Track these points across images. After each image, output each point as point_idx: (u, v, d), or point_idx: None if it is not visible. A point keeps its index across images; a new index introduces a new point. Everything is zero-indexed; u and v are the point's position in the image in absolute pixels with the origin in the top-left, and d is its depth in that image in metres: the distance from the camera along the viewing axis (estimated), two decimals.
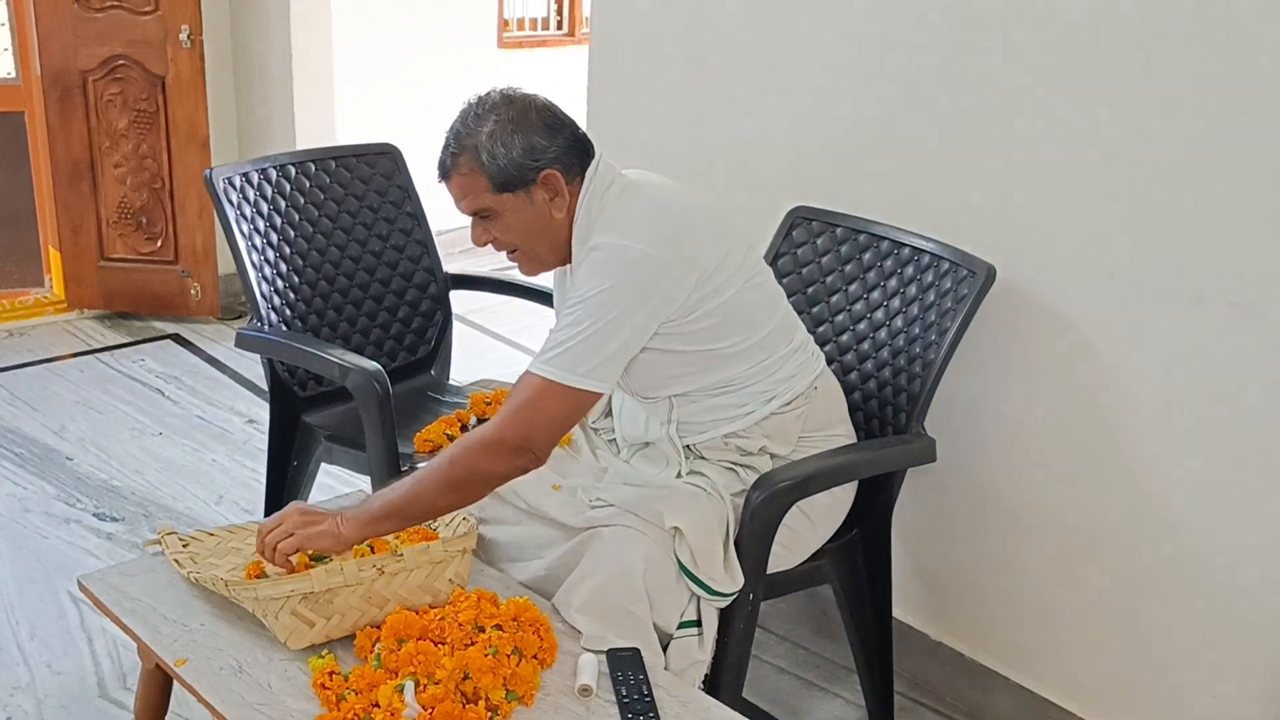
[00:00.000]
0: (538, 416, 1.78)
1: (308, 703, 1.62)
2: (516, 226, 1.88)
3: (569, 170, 1.86)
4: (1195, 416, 2.02)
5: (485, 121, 1.83)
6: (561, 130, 1.87)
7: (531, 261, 1.96)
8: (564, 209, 1.88)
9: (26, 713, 2.32)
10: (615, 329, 1.79)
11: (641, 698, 1.63)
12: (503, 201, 1.85)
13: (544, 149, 1.84)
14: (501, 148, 1.81)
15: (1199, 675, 2.11)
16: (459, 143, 1.85)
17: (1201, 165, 1.94)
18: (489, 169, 1.82)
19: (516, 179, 1.83)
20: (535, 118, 1.85)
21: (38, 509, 3.07)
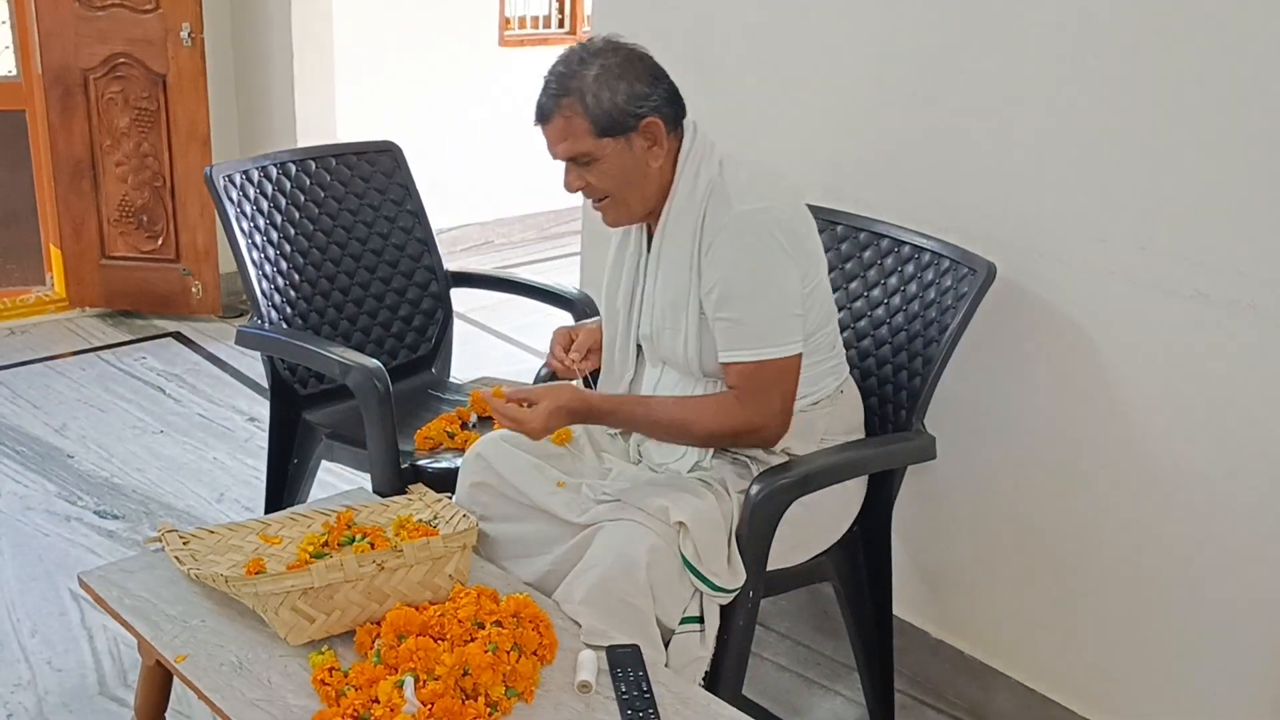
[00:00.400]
0: (778, 396, 1.88)
1: (308, 699, 1.62)
2: (613, 172, 1.88)
3: (667, 121, 1.88)
4: (1196, 414, 2.02)
5: (590, 65, 1.84)
6: (663, 80, 1.89)
7: (619, 210, 1.95)
8: (660, 158, 1.89)
9: (27, 710, 2.32)
10: (787, 288, 1.86)
11: (641, 694, 1.63)
12: (603, 146, 1.85)
13: (647, 96, 1.85)
14: (606, 91, 1.82)
15: (1200, 673, 2.11)
16: (562, 85, 1.85)
17: (1202, 164, 1.94)
18: (593, 112, 1.83)
19: (619, 124, 1.84)
20: (639, 65, 1.87)
21: (39, 507, 3.07)
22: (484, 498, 2.06)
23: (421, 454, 2.38)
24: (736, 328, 1.86)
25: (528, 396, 1.89)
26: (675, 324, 1.93)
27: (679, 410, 1.91)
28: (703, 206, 1.88)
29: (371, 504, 2.10)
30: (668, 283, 1.94)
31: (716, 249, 1.86)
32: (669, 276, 1.93)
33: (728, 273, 1.84)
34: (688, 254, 1.89)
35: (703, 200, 1.89)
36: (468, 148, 5.61)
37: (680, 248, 1.91)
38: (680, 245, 1.91)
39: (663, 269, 1.95)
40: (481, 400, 2.58)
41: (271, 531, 2.01)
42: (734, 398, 1.88)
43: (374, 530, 1.95)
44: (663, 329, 1.96)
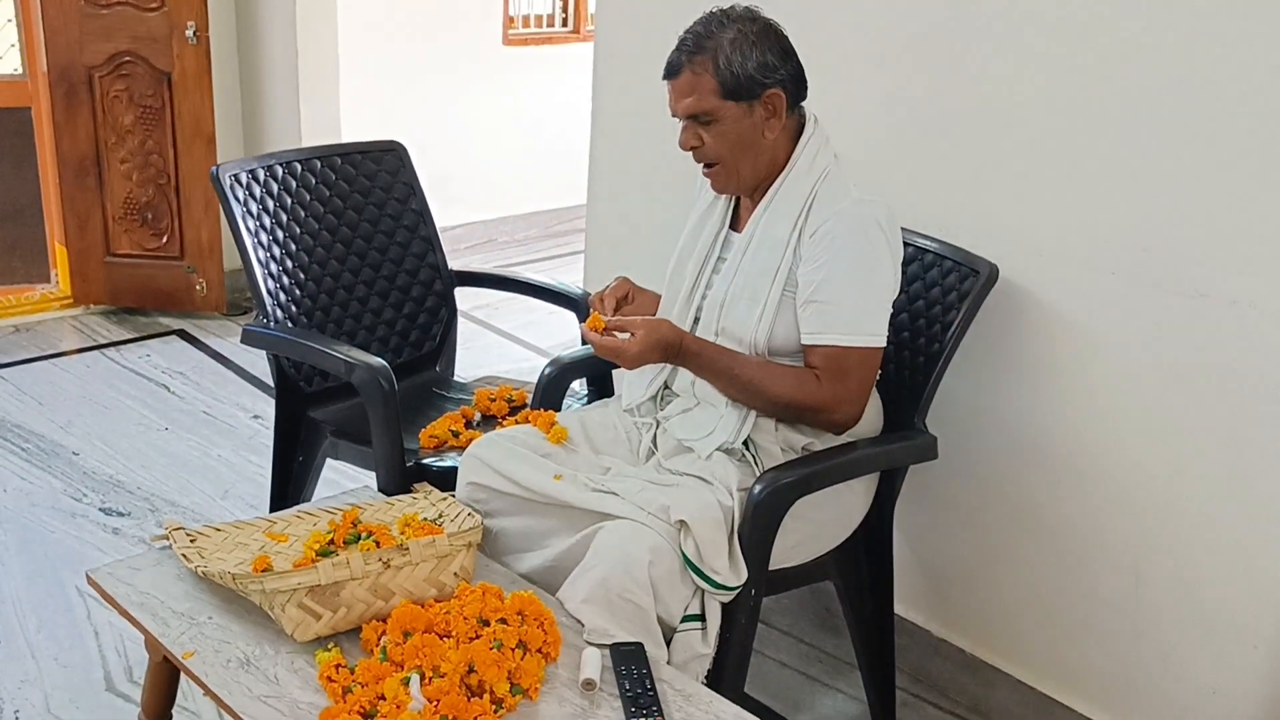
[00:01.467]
0: (860, 384, 1.95)
1: (315, 695, 1.63)
2: (730, 136, 1.93)
3: (790, 97, 1.94)
4: (1197, 411, 2.03)
5: (728, 29, 1.90)
6: (792, 58, 1.95)
7: (728, 178, 2.00)
8: (776, 131, 1.95)
9: (34, 705, 2.34)
10: (887, 281, 1.95)
11: (645, 691, 1.64)
12: (725, 108, 1.91)
13: (775, 69, 1.91)
14: (739, 56, 1.89)
15: (1200, 672, 2.12)
16: (698, 43, 1.92)
17: (1203, 164, 1.95)
18: (722, 74, 1.89)
19: (744, 89, 1.90)
20: (774, 38, 1.93)
21: (45, 503, 3.09)
22: (481, 495, 2.07)
23: (426, 453, 2.39)
24: (832, 310, 1.91)
25: (626, 325, 1.94)
26: (754, 296, 1.97)
27: (761, 369, 1.96)
28: (814, 191, 1.95)
29: (377, 502, 2.12)
30: (759, 255, 1.99)
31: (826, 232, 1.91)
32: (763, 248, 1.98)
33: (834, 257, 1.90)
34: (788, 232, 1.95)
35: (815, 185, 1.95)
36: (471, 146, 5.62)
37: (782, 224, 1.96)
38: (782, 222, 1.96)
39: (754, 245, 2.00)
40: (486, 399, 2.60)
41: (278, 529, 2.03)
42: (823, 382, 1.93)
43: (380, 528, 1.96)
44: (739, 299, 2.00)
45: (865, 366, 1.95)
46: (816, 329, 1.93)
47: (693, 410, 2.05)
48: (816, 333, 1.93)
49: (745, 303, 1.99)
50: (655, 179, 2.94)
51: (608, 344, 1.93)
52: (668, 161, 2.88)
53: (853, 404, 1.95)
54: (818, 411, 1.95)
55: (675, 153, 2.82)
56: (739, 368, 1.97)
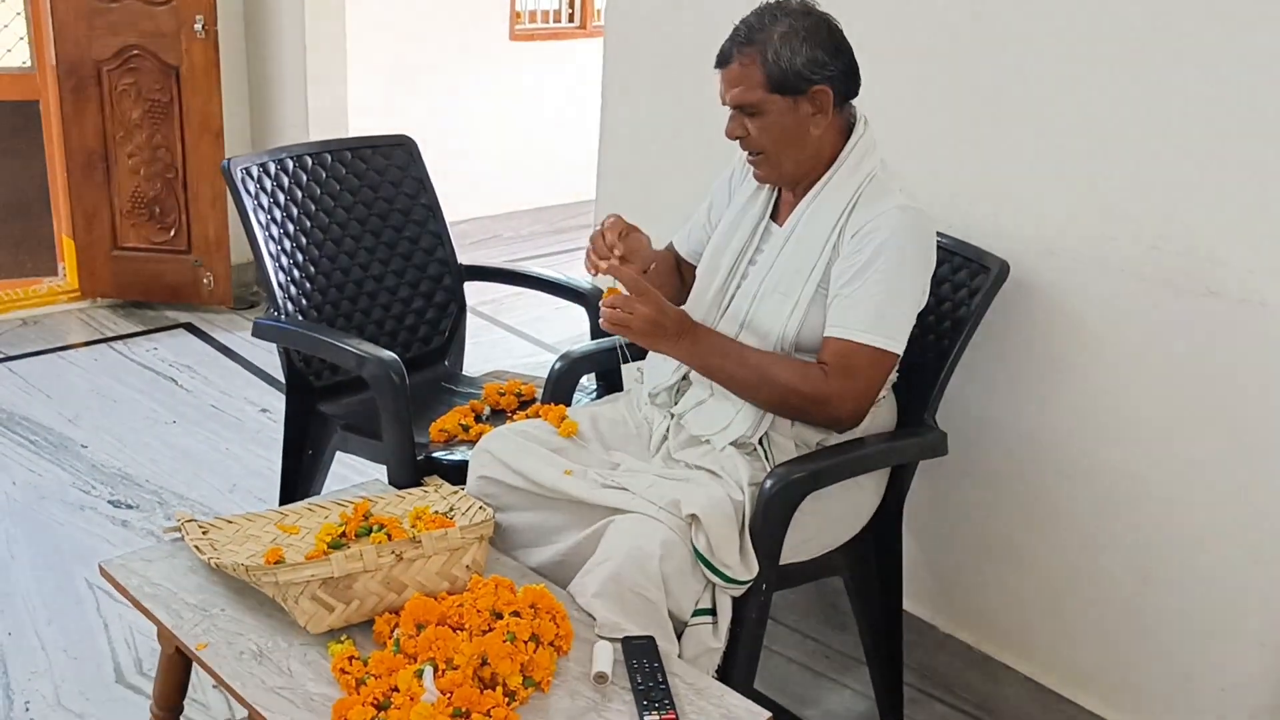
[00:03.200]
0: (867, 385, 1.95)
1: (328, 687, 1.64)
2: (774, 129, 1.95)
3: (838, 94, 1.95)
4: (1207, 409, 2.04)
5: (780, 23, 1.91)
6: (844, 55, 1.95)
7: (773, 169, 2.02)
8: (822, 128, 1.96)
9: (44, 698, 2.35)
10: (916, 292, 1.97)
11: (656, 685, 1.65)
12: (771, 101, 1.92)
13: (825, 65, 1.92)
14: (788, 51, 1.90)
15: (1207, 669, 2.13)
16: (749, 34, 1.93)
17: (1212, 162, 1.96)
18: (770, 67, 1.90)
19: (791, 84, 1.91)
20: (825, 34, 1.93)
21: (53, 496, 3.10)
22: (492, 489, 2.08)
23: (436, 446, 2.40)
24: (855, 307, 1.92)
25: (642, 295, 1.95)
26: (788, 291, 1.99)
27: (765, 358, 1.97)
28: (858, 192, 1.97)
29: (388, 495, 2.12)
30: (798, 251, 2.00)
31: (867, 232, 1.93)
32: (802, 245, 1.99)
33: (870, 256, 1.92)
34: (829, 230, 1.97)
35: (860, 186, 1.97)
36: (477, 141, 5.64)
37: (823, 223, 1.98)
38: (824, 220, 1.98)
39: (794, 240, 2.01)
40: (495, 393, 2.60)
41: (289, 521, 2.03)
42: (830, 376, 1.93)
43: (391, 521, 1.96)
44: (772, 292, 2.01)
45: (875, 368, 1.95)
46: (835, 322, 1.94)
47: (707, 402, 2.06)
48: (835, 325, 1.94)
49: (778, 297, 2.00)
50: (664, 175, 2.95)
51: (617, 318, 1.95)
52: (677, 157, 2.89)
53: (856, 402, 1.95)
54: (819, 403, 1.95)
55: (687, 148, 2.84)
56: (744, 352, 1.99)
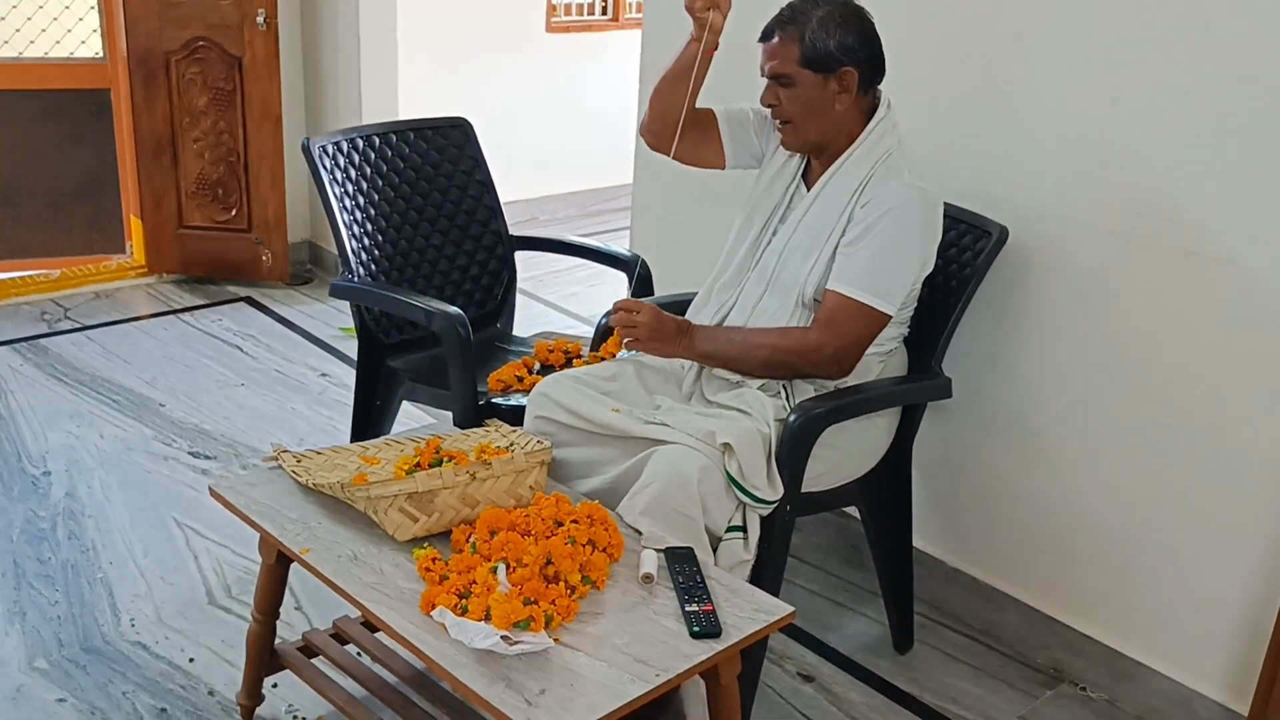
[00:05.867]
0: (847, 336, 2.19)
1: (415, 583, 1.90)
2: (802, 99, 2.21)
3: (863, 78, 2.21)
4: (1186, 358, 2.28)
5: (820, 8, 2.19)
6: (872, 43, 2.22)
7: (798, 136, 2.28)
8: (846, 105, 2.22)
9: (147, 615, 2.64)
10: (912, 261, 2.21)
11: (696, 584, 1.90)
12: (803, 75, 2.19)
13: (854, 50, 2.19)
14: (824, 33, 2.17)
15: (1188, 591, 2.37)
16: (792, 15, 2.21)
17: (1190, 133, 2.20)
18: (805, 45, 2.18)
19: (823, 63, 2.18)
20: (858, 24, 2.21)
21: (139, 448, 3.39)
22: (548, 428, 2.34)
23: (495, 394, 2.67)
24: (854, 264, 2.18)
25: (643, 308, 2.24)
26: (809, 252, 2.25)
27: (749, 330, 2.26)
28: (875, 167, 2.22)
29: (454, 434, 2.38)
30: (816, 219, 2.26)
31: (875, 201, 2.19)
32: (822, 210, 2.26)
33: (874, 222, 2.18)
34: (846, 199, 2.23)
35: (877, 161, 2.23)
36: (514, 128, 5.88)
37: (843, 191, 2.24)
38: (843, 189, 2.24)
39: (816, 206, 2.27)
40: (545, 350, 2.87)
41: (370, 454, 2.30)
42: (815, 326, 2.20)
43: (459, 454, 2.23)
44: (795, 251, 2.27)
45: (863, 323, 2.19)
46: (836, 277, 2.20)
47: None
48: (835, 280, 2.19)
49: (800, 256, 2.26)
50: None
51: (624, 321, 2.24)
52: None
53: (843, 350, 2.19)
54: (803, 353, 2.20)
55: None
56: (732, 332, 2.29)
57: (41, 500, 3.08)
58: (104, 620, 2.61)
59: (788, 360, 2.22)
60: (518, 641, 1.71)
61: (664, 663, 1.72)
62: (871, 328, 2.21)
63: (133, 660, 2.48)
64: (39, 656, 2.47)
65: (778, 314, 2.28)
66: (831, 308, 2.19)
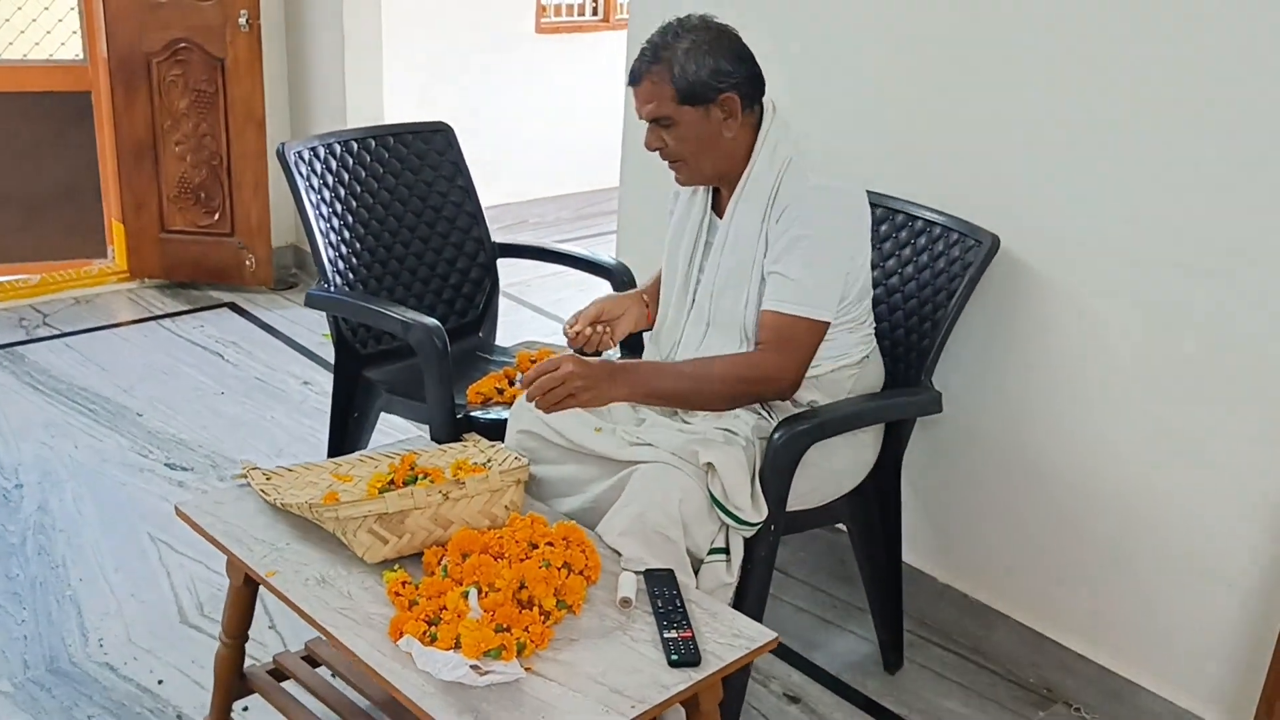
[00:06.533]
0: (799, 353, 2.10)
1: (384, 608, 1.83)
2: (689, 138, 2.11)
3: (745, 99, 2.10)
4: (1180, 374, 2.22)
5: (683, 39, 2.07)
6: (746, 62, 2.11)
7: (693, 173, 2.18)
8: (734, 130, 2.11)
9: (116, 635, 2.57)
10: (840, 262, 2.10)
11: (675, 609, 1.84)
12: (682, 112, 2.08)
13: (729, 74, 2.07)
14: (693, 65, 2.05)
15: (1174, 609, 2.32)
16: (656, 54, 2.08)
17: (1180, 145, 2.14)
18: (678, 82, 2.06)
19: (700, 95, 2.07)
20: (727, 45, 2.09)
21: (114, 459, 3.32)
22: (531, 444, 2.28)
23: (473, 407, 2.60)
24: (786, 283, 2.08)
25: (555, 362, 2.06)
26: (739, 284, 2.16)
27: (698, 363, 2.15)
28: (778, 180, 2.12)
29: (431, 449, 2.32)
30: (735, 247, 2.16)
31: (788, 214, 2.09)
32: (738, 241, 2.16)
33: (793, 236, 2.08)
34: (758, 222, 2.13)
35: (779, 174, 2.12)
36: (504, 130, 5.83)
37: (752, 216, 2.13)
38: (752, 214, 2.13)
39: (732, 235, 2.17)
40: (527, 360, 2.81)
41: (343, 470, 2.24)
42: (758, 350, 2.11)
43: (435, 471, 2.17)
44: (725, 290, 2.18)
45: (811, 336, 2.10)
46: (770, 299, 2.10)
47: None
48: (768, 301, 2.10)
49: (731, 293, 2.17)
50: None
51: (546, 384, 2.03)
52: None
53: (794, 371, 2.10)
54: (763, 381, 2.10)
55: None
56: (679, 365, 2.15)
57: (12, 514, 3.01)
58: (71, 640, 2.54)
59: (748, 391, 2.12)
60: (488, 671, 1.65)
61: (640, 693, 1.66)
62: (816, 339, 2.12)
63: (100, 682, 2.42)
64: (3, 679, 2.41)
65: (725, 352, 2.19)
66: (776, 329, 2.09)
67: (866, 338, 2.27)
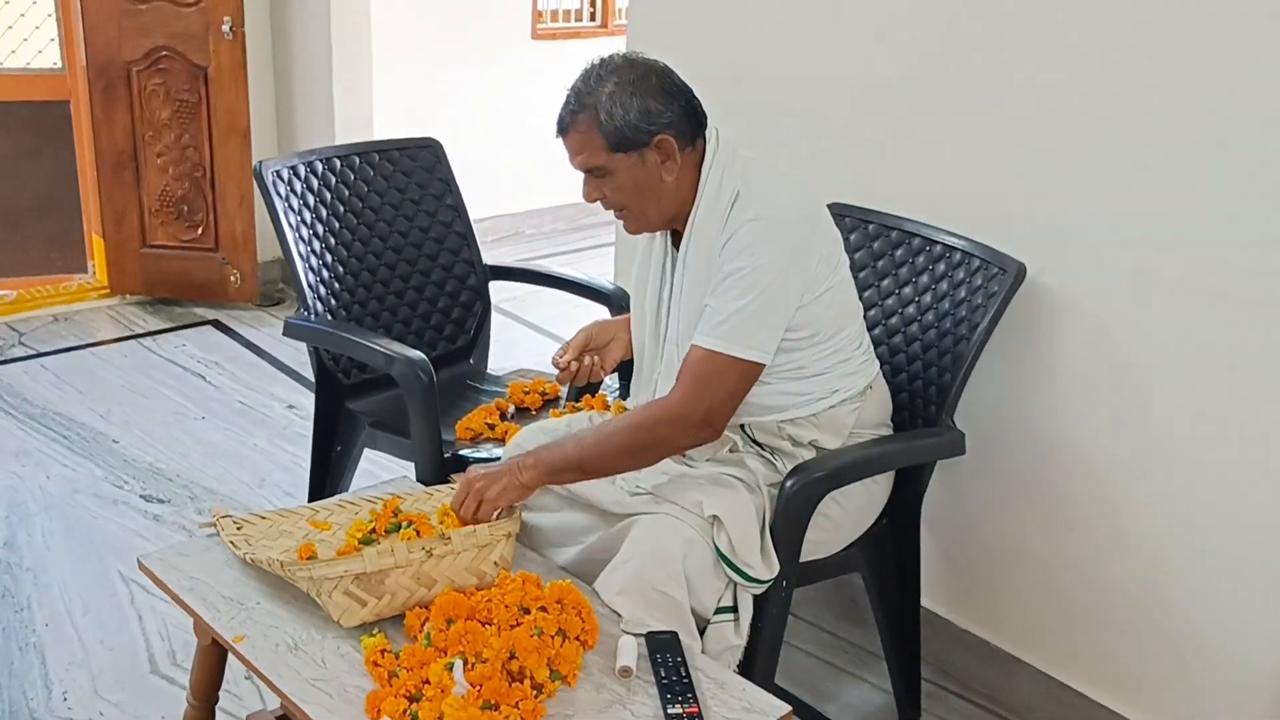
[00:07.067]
0: (717, 392, 1.89)
1: (362, 679, 1.68)
2: (627, 186, 1.94)
3: (682, 137, 1.92)
4: (1218, 411, 2.07)
5: (606, 83, 1.89)
6: (678, 97, 1.93)
7: (637, 221, 2.01)
8: (674, 173, 1.94)
9: (82, 687, 2.41)
10: (777, 299, 1.90)
11: (680, 679, 1.69)
12: (616, 161, 1.91)
13: (660, 113, 1.89)
14: (620, 109, 1.88)
15: (1219, 664, 2.16)
16: (579, 101, 1.91)
17: (1222, 169, 1.99)
18: (606, 129, 1.88)
19: (631, 140, 1.89)
20: (655, 82, 1.91)
21: (87, 490, 3.16)
22: None
23: (463, 444, 2.45)
24: (717, 314, 1.90)
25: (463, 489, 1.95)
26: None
27: (597, 429, 1.96)
28: (726, 214, 1.93)
29: (416, 492, 2.17)
30: (694, 286, 1.97)
31: (728, 248, 1.91)
32: (694, 284, 1.97)
33: (730, 267, 1.89)
34: (712, 258, 1.94)
35: (726, 208, 1.93)
36: (499, 139, 5.68)
37: (705, 255, 1.95)
38: (704, 253, 1.95)
39: (688, 278, 1.98)
40: (520, 391, 2.65)
41: (321, 518, 2.08)
42: (675, 389, 1.91)
43: (420, 518, 2.01)
44: (687, 337, 1.98)
45: (735, 377, 1.90)
46: (698, 327, 1.92)
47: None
48: (696, 334, 1.92)
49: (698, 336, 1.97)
50: None
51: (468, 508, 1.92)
52: None
53: (715, 411, 1.90)
54: (674, 421, 1.90)
55: None
56: (578, 437, 1.95)
57: None
58: (34, 693, 2.38)
59: (655, 436, 1.91)
60: None
61: None
62: (744, 381, 1.92)
63: None
64: None
65: None
66: (696, 364, 1.90)
67: (864, 365, 2.09)
